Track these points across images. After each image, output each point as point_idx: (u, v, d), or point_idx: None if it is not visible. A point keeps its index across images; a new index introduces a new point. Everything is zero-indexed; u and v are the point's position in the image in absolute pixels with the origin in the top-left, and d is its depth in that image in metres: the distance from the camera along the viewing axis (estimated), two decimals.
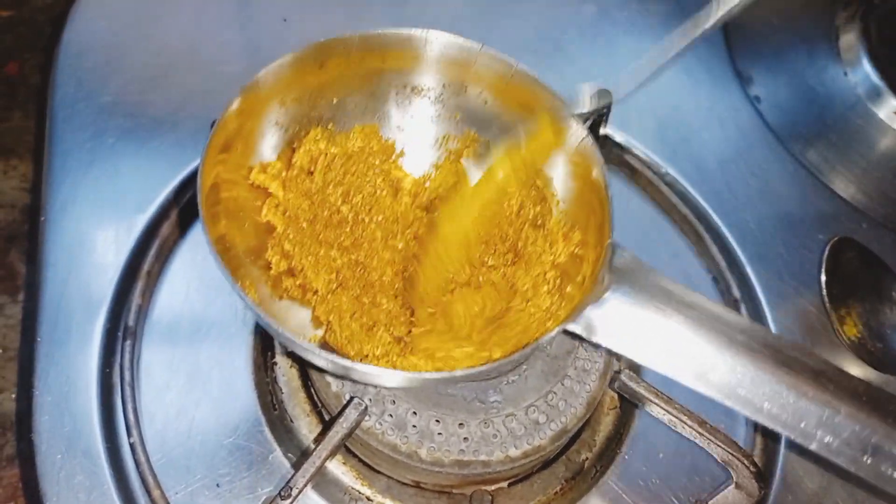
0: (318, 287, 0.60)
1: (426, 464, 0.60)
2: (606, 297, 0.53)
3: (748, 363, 0.52)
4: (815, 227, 0.82)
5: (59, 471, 0.61)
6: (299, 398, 0.68)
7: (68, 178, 0.74)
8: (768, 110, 0.91)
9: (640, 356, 0.53)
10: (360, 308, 0.60)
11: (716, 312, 0.54)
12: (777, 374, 0.52)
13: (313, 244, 0.61)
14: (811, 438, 0.51)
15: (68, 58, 0.81)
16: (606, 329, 0.53)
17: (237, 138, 0.59)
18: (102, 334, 0.67)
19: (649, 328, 0.53)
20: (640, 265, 0.55)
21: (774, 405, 0.51)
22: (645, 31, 0.95)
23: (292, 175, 0.63)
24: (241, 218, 0.60)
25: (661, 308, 0.53)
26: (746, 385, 0.52)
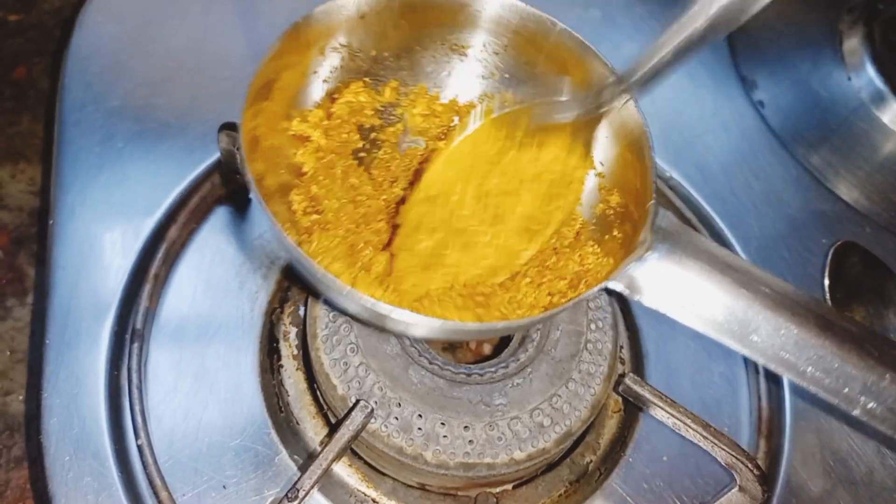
0: (338, 230, 0.60)
1: (431, 466, 0.60)
2: (649, 256, 0.53)
3: (792, 326, 0.51)
4: (818, 231, 0.83)
5: (67, 472, 0.62)
6: (305, 401, 0.68)
7: (77, 181, 0.75)
8: (772, 115, 0.91)
9: (683, 315, 0.53)
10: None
11: (760, 275, 0.53)
12: (821, 338, 0.51)
13: (341, 190, 0.61)
14: (855, 404, 0.51)
15: (77, 62, 0.82)
16: (649, 287, 0.52)
17: (276, 85, 0.59)
18: (110, 337, 0.68)
19: (692, 288, 0.52)
20: (683, 227, 0.55)
21: (818, 369, 0.51)
22: (649, 36, 0.95)
23: (334, 124, 0.63)
24: (276, 165, 0.60)
25: (704, 268, 0.53)
26: (790, 348, 0.51)
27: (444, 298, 0.57)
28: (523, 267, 0.61)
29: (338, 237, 0.59)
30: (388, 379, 0.62)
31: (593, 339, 0.66)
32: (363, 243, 0.60)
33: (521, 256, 0.60)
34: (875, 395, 0.50)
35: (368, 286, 0.56)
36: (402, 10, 0.62)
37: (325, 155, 0.62)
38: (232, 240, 0.75)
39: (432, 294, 0.58)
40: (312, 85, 0.63)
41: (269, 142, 0.59)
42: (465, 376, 0.63)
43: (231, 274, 0.73)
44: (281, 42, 0.57)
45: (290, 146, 0.61)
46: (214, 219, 0.75)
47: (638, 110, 0.58)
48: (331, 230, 0.59)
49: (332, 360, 0.63)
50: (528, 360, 0.64)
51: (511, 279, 0.60)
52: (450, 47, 0.66)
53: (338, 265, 0.56)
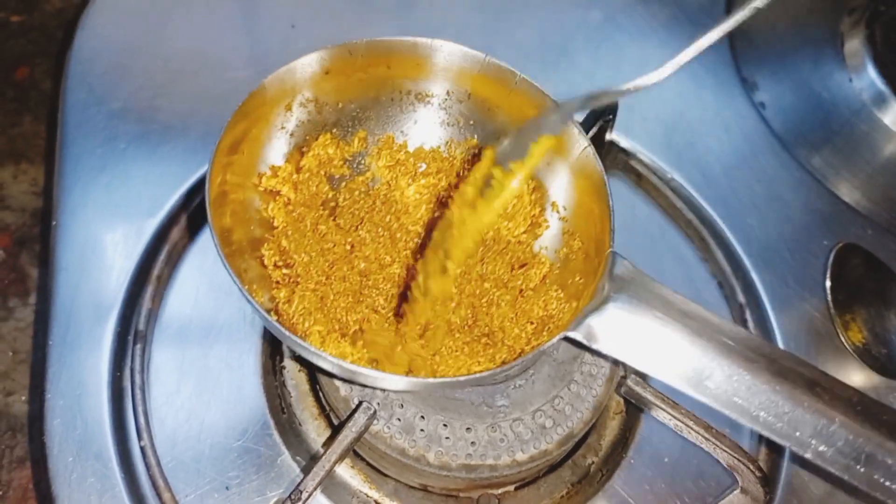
0: (309, 284, 0.61)
1: (434, 468, 0.61)
2: (607, 305, 0.54)
3: (744, 372, 0.53)
4: (820, 232, 0.83)
5: (70, 473, 0.62)
6: (308, 402, 0.68)
7: (80, 182, 0.75)
8: (773, 116, 0.91)
9: (640, 363, 0.54)
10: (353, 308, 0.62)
11: (714, 322, 0.55)
12: (773, 383, 0.52)
13: (311, 243, 0.62)
14: (806, 447, 0.52)
15: (79, 64, 0.82)
16: (607, 336, 0.54)
17: (244, 142, 0.60)
18: (113, 338, 0.68)
19: (648, 336, 0.54)
20: (640, 274, 0.56)
21: (770, 414, 0.52)
22: (650, 38, 0.96)
23: (303, 178, 0.64)
24: (247, 220, 0.61)
25: (659, 316, 0.54)
26: (742, 394, 0.52)
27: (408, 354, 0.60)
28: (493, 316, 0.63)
29: (308, 290, 0.60)
30: None
31: None
32: (333, 295, 0.61)
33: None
34: (825, 439, 0.52)
35: (338, 344, 0.59)
36: (365, 64, 0.64)
37: (294, 208, 0.63)
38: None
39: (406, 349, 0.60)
40: (281, 139, 0.64)
41: (239, 196, 0.60)
42: None
43: None
44: (248, 100, 0.58)
45: (260, 200, 0.63)
46: None
47: (597, 159, 0.60)
48: (301, 284, 0.60)
49: None
50: (529, 362, 0.64)
51: (486, 335, 0.62)
52: (415, 96, 0.67)
53: (311, 322, 0.59)
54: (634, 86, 0.50)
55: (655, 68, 0.49)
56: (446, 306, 0.62)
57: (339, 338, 0.59)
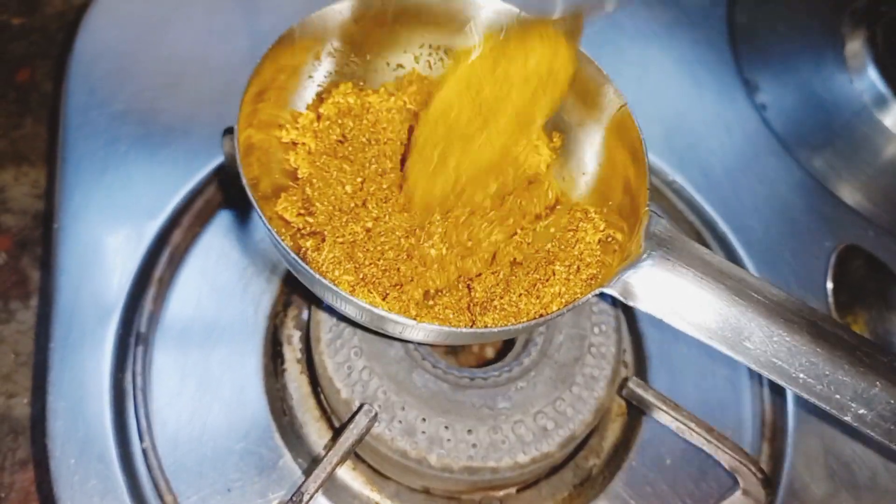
0: (337, 233, 0.59)
1: (435, 470, 0.61)
2: (643, 262, 0.53)
3: (785, 334, 0.52)
4: (821, 234, 0.83)
5: (72, 475, 0.62)
6: (309, 404, 0.68)
7: (81, 185, 0.75)
8: (774, 118, 0.91)
9: (676, 321, 0.53)
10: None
11: (753, 283, 0.54)
12: (813, 345, 0.52)
13: (336, 192, 0.61)
14: (846, 410, 0.51)
15: (81, 66, 0.82)
16: (643, 293, 0.53)
17: (271, 89, 0.59)
18: (115, 340, 0.68)
19: (686, 294, 0.53)
20: (677, 234, 0.55)
21: (810, 376, 0.52)
22: (652, 40, 0.96)
23: (323, 127, 0.63)
24: (272, 168, 0.60)
25: (698, 275, 0.53)
26: (782, 355, 0.52)
27: (442, 305, 0.58)
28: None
29: (338, 239, 0.58)
30: (392, 383, 0.62)
31: (597, 343, 0.67)
32: (360, 245, 0.59)
33: (514, 149, 0.61)
34: (865, 402, 0.51)
35: (367, 294, 0.57)
36: (396, 15, 0.63)
37: (316, 157, 0.62)
38: (235, 243, 0.75)
39: (431, 301, 0.58)
40: (307, 89, 0.63)
41: (263, 146, 0.59)
42: (468, 380, 0.63)
43: (235, 277, 0.73)
44: (276, 46, 0.57)
45: (283, 150, 0.62)
46: (218, 222, 0.76)
47: (633, 117, 0.58)
48: (329, 233, 0.59)
49: (336, 363, 0.63)
50: (531, 363, 0.64)
51: (506, 284, 0.59)
52: (444, 51, 0.66)
53: (341, 271, 0.56)
54: None
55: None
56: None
57: (368, 290, 0.57)
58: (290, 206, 0.59)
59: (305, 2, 0.90)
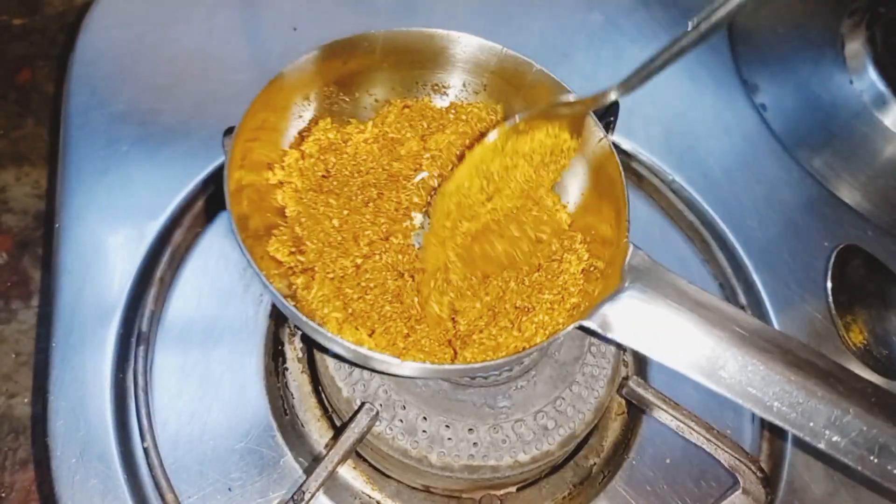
0: (327, 271, 0.60)
1: (436, 468, 0.61)
2: (622, 294, 0.54)
3: (759, 363, 0.53)
4: (820, 234, 0.83)
5: (73, 474, 0.62)
6: (310, 403, 0.68)
7: (82, 185, 0.75)
8: (774, 118, 0.92)
9: (654, 352, 0.54)
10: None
11: (728, 312, 0.55)
12: (787, 373, 0.53)
13: (324, 229, 0.62)
14: (819, 437, 0.52)
15: (82, 67, 0.82)
16: (621, 325, 0.54)
17: (262, 129, 0.60)
18: (116, 340, 0.68)
19: (663, 325, 0.54)
20: (655, 265, 0.56)
21: (784, 404, 0.52)
22: (651, 40, 0.96)
23: (308, 164, 0.64)
24: (262, 207, 0.61)
25: (674, 306, 0.54)
26: (757, 384, 0.53)
27: (426, 341, 0.59)
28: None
29: (327, 278, 0.60)
30: (393, 382, 0.62)
31: (597, 343, 0.67)
32: (347, 282, 0.61)
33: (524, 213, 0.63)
34: (838, 429, 0.52)
35: (354, 332, 0.58)
36: (383, 55, 0.64)
37: (304, 195, 0.63)
38: (236, 243, 0.75)
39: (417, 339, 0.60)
40: (297, 129, 0.64)
41: (254, 185, 0.60)
42: (469, 379, 0.63)
43: (235, 277, 0.73)
44: (267, 89, 0.59)
45: (272, 189, 0.63)
46: (219, 222, 0.76)
47: (613, 150, 0.60)
48: (319, 271, 0.60)
49: (337, 362, 0.64)
50: (531, 363, 0.65)
51: (492, 316, 0.61)
52: (431, 87, 0.68)
53: (329, 309, 0.58)
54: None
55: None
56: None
57: (355, 326, 0.58)
58: (280, 245, 0.60)
59: (305, 3, 0.91)
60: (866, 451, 0.52)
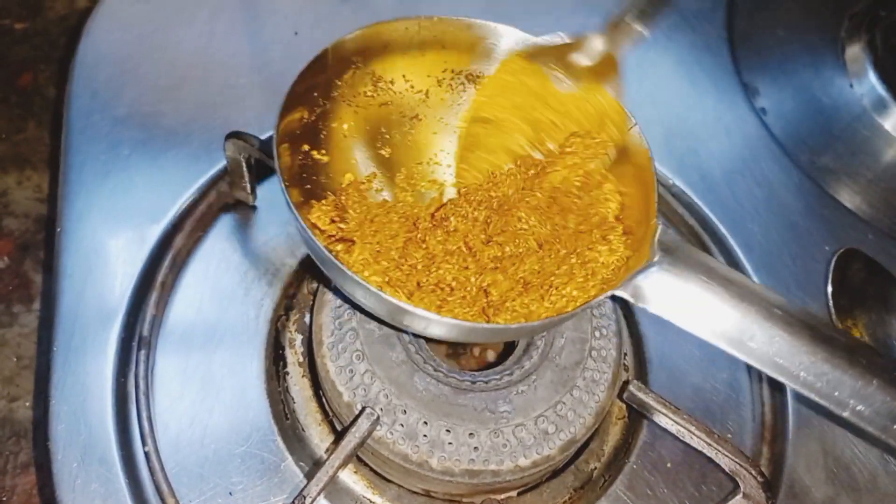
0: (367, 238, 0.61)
1: (437, 473, 0.61)
2: (653, 268, 0.56)
3: (785, 335, 0.55)
4: (821, 238, 0.83)
5: (74, 478, 0.62)
6: (311, 408, 0.69)
7: (84, 189, 0.75)
8: (774, 122, 0.92)
9: (684, 322, 0.56)
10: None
11: (755, 288, 0.57)
12: (813, 346, 0.55)
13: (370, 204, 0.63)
14: (845, 407, 0.54)
15: (84, 70, 0.83)
16: (653, 296, 0.56)
17: (304, 105, 0.62)
18: (117, 343, 0.68)
19: (693, 298, 0.56)
20: (684, 243, 0.58)
21: (810, 374, 0.55)
22: (652, 45, 0.96)
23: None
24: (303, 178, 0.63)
25: (703, 280, 0.56)
26: (784, 354, 0.55)
27: (458, 302, 0.59)
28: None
29: (367, 243, 0.60)
30: (394, 386, 0.63)
31: (598, 347, 0.67)
32: (385, 250, 0.61)
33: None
34: (863, 399, 0.54)
35: (395, 293, 0.59)
36: (421, 42, 0.65)
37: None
38: (237, 247, 0.75)
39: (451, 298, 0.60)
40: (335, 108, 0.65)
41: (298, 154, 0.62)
42: (469, 383, 0.64)
43: (237, 281, 0.73)
44: (311, 64, 0.60)
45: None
46: (220, 226, 0.76)
47: (641, 134, 0.62)
48: (359, 237, 0.61)
49: (338, 367, 0.64)
50: (532, 367, 0.65)
51: (523, 288, 0.61)
52: (465, 77, 0.67)
53: (370, 272, 0.59)
54: None
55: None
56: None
57: (395, 289, 0.60)
58: (322, 214, 0.61)
59: (307, 8, 0.91)
60: (889, 420, 0.54)
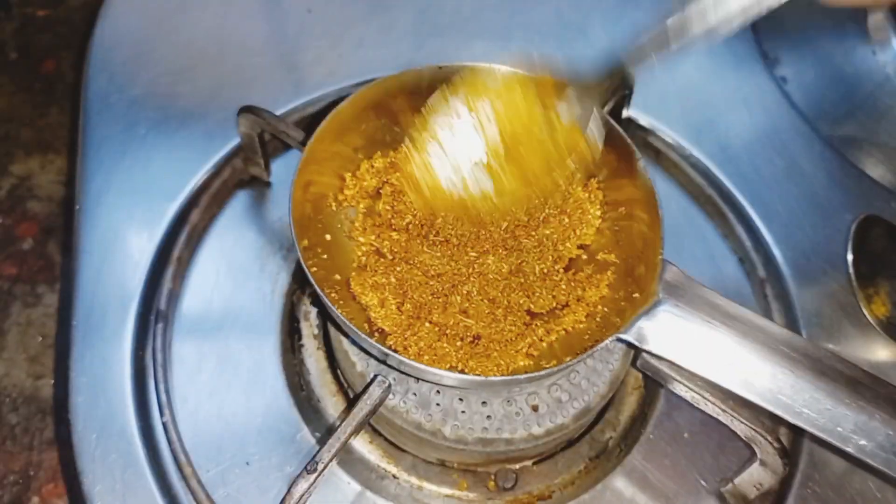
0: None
1: (450, 441, 0.61)
2: (657, 308, 0.58)
3: (788, 371, 0.56)
4: (842, 206, 0.81)
5: (94, 449, 0.63)
6: (326, 379, 0.69)
7: (102, 168, 0.76)
8: (795, 91, 0.90)
9: (689, 363, 0.57)
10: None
11: (758, 324, 0.58)
12: (815, 381, 0.56)
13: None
14: (847, 441, 0.55)
15: (100, 52, 0.84)
16: (657, 339, 0.57)
17: (319, 176, 0.64)
18: (135, 318, 0.69)
19: (697, 338, 0.57)
20: (688, 279, 0.59)
21: (812, 411, 0.56)
22: (668, 13, 0.94)
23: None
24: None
25: (707, 320, 0.58)
26: (787, 392, 0.56)
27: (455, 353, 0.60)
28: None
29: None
30: None
31: None
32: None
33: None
34: (865, 434, 0.55)
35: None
36: (430, 87, 0.63)
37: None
38: (252, 223, 0.76)
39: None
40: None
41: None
42: None
43: (252, 256, 0.74)
44: (322, 132, 0.62)
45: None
46: (235, 202, 0.77)
47: (646, 171, 0.62)
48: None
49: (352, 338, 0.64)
50: None
51: (526, 327, 0.62)
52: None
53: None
54: None
55: None
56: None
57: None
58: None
59: None
60: (892, 454, 0.55)
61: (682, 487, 0.67)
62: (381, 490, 0.65)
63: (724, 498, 0.66)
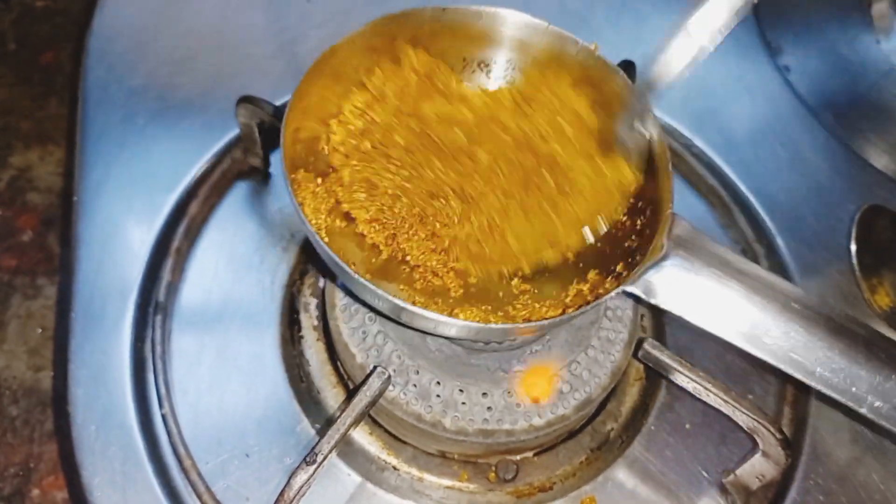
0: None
1: (450, 433, 0.61)
2: (665, 262, 0.55)
3: (801, 329, 0.54)
4: (845, 196, 0.81)
5: (93, 441, 0.63)
6: (326, 371, 0.69)
7: (100, 159, 0.76)
8: (798, 80, 0.89)
9: (697, 318, 0.55)
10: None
11: (770, 280, 0.56)
12: (830, 340, 0.54)
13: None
14: (862, 402, 0.53)
15: (99, 42, 0.83)
16: (665, 292, 0.55)
17: (310, 110, 0.62)
18: (134, 310, 0.69)
19: (706, 292, 0.55)
20: (698, 234, 0.57)
21: (826, 370, 0.53)
22: (672, 5, 0.94)
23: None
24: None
25: (717, 274, 0.55)
26: (799, 350, 0.54)
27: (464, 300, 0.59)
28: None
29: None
30: (407, 347, 0.62)
31: (613, 307, 0.66)
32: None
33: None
34: (881, 394, 0.53)
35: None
36: (431, 32, 0.64)
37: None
38: (252, 214, 0.76)
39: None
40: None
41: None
42: (483, 343, 0.63)
43: (252, 247, 0.74)
44: (314, 70, 0.60)
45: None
46: (234, 193, 0.76)
47: (657, 122, 0.60)
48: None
49: (351, 329, 0.64)
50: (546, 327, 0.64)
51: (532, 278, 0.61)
52: (477, 64, 0.67)
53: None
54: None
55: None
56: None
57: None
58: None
59: None
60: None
61: (684, 478, 0.66)
62: (381, 482, 0.65)
63: (726, 489, 0.65)
